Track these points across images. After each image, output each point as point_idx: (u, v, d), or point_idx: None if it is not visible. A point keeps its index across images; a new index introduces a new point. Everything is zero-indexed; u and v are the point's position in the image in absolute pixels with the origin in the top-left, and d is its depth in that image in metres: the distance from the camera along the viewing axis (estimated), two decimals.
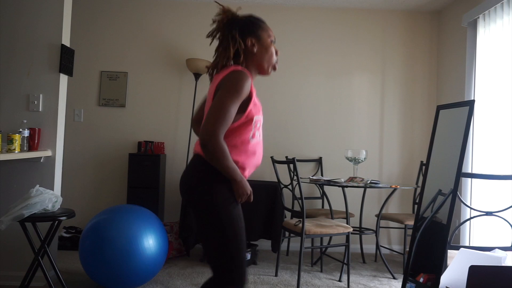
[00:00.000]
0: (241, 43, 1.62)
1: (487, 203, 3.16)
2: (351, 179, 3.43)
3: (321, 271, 3.52)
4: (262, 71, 1.70)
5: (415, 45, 4.41)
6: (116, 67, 4.29)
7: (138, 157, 3.94)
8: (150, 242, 2.70)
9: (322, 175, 4.24)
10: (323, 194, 4.06)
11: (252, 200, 1.62)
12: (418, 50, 4.41)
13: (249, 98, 1.57)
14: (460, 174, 2.25)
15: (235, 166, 1.54)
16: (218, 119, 1.46)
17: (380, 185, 3.27)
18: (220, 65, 1.62)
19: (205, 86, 4.22)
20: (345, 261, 3.22)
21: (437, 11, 4.38)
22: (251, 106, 1.58)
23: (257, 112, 1.62)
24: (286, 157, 4.18)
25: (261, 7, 4.35)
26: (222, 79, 1.56)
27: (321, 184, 3.53)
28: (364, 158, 3.54)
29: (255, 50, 1.65)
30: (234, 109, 1.50)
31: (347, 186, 3.26)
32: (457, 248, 2.39)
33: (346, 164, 4.00)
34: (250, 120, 1.59)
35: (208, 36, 1.69)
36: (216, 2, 1.71)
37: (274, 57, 1.70)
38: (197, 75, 4.13)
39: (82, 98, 4.25)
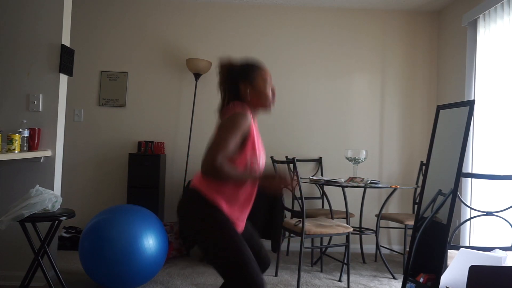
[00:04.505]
0: (236, 89, 1.77)
1: (487, 203, 3.16)
2: (351, 179, 3.43)
3: (321, 271, 3.52)
4: (260, 109, 1.81)
5: (415, 45, 4.41)
6: (116, 67, 4.29)
7: (138, 157, 3.95)
8: (150, 242, 2.70)
9: (322, 175, 4.24)
10: (323, 194, 4.06)
11: (290, 183, 1.57)
12: (418, 50, 4.41)
13: (248, 136, 1.64)
14: (460, 174, 2.25)
15: (244, 172, 1.61)
16: (216, 149, 1.52)
17: (380, 185, 3.27)
18: (224, 106, 1.78)
19: (205, 86, 4.22)
20: (345, 261, 3.22)
21: (437, 11, 4.38)
22: (249, 147, 1.65)
23: (254, 158, 1.68)
24: (286, 157, 4.17)
25: (261, 7, 4.35)
26: (224, 119, 1.66)
27: (321, 184, 3.53)
28: (364, 158, 3.54)
29: (248, 94, 1.76)
30: (232, 140, 1.56)
31: (347, 186, 3.26)
32: (457, 248, 2.39)
33: (346, 164, 4.00)
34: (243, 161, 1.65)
35: (219, 91, 1.84)
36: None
37: (269, 97, 1.80)
38: (197, 75, 4.13)
39: (82, 98, 4.25)
